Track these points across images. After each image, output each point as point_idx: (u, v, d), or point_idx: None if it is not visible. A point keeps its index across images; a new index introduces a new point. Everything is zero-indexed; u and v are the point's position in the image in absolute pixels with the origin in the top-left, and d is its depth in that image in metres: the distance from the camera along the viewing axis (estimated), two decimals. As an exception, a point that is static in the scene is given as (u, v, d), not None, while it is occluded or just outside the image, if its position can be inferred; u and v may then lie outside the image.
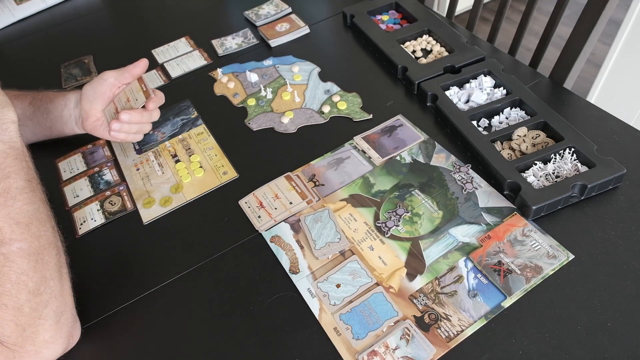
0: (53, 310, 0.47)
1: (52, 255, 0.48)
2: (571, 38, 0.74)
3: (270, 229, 0.60)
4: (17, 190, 0.46)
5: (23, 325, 0.45)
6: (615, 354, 0.46)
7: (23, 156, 0.48)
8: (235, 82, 0.83)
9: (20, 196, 0.46)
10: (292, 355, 0.49)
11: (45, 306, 0.46)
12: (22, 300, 0.45)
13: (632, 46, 1.32)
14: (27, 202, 0.46)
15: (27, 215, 0.46)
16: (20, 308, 0.44)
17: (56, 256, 0.48)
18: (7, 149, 0.47)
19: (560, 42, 0.78)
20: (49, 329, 0.47)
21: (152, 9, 1.07)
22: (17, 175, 0.46)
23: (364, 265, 0.55)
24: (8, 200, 0.45)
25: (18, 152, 0.48)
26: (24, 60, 0.98)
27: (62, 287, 0.49)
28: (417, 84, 0.75)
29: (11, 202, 0.45)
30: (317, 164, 0.67)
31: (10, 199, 0.45)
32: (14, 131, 0.48)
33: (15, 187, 0.46)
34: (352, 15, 0.90)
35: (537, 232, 0.56)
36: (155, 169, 0.70)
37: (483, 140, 0.64)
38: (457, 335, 0.49)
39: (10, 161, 0.46)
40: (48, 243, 0.47)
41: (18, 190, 0.46)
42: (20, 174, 0.47)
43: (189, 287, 0.56)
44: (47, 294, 0.46)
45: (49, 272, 0.47)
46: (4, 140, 0.47)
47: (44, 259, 0.46)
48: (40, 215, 0.47)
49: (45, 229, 0.47)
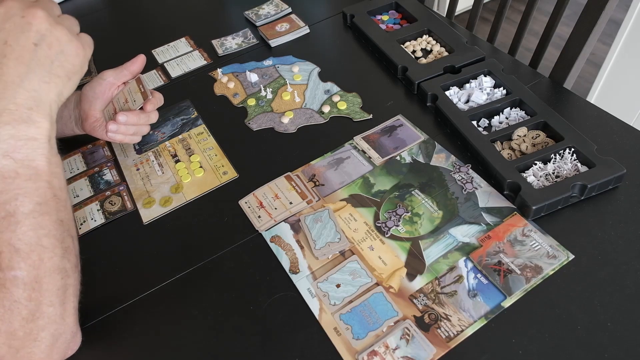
0: (50, 334, 0.45)
1: (55, 281, 0.45)
2: (571, 38, 0.74)
3: (270, 229, 0.60)
4: (23, 215, 0.43)
5: (17, 347, 0.43)
6: (615, 354, 0.46)
7: (38, 176, 0.44)
8: (235, 82, 0.83)
9: (26, 221, 0.43)
10: (292, 355, 0.49)
11: (41, 330, 0.44)
12: (16, 326, 0.42)
13: (632, 46, 1.32)
14: (33, 227, 0.43)
15: (29, 242, 0.43)
16: (13, 333, 0.43)
17: (61, 280, 0.45)
18: (18, 167, 0.43)
19: (560, 42, 0.78)
20: (45, 349, 0.45)
21: (152, 9, 1.07)
22: (26, 198, 0.43)
23: (364, 265, 0.55)
24: (11, 225, 0.42)
25: (33, 172, 0.44)
26: (24, 60, 0.98)
27: (64, 311, 0.46)
28: (417, 84, 0.75)
29: (14, 226, 0.42)
30: (317, 164, 0.67)
31: (14, 224, 0.42)
32: (33, 149, 0.44)
33: (22, 210, 0.43)
34: (352, 15, 0.90)
35: (537, 232, 0.56)
36: (155, 169, 0.70)
37: (483, 140, 0.64)
38: (457, 335, 0.49)
39: (21, 182, 0.43)
40: (52, 269, 0.44)
41: (24, 215, 0.43)
42: (31, 196, 0.43)
43: (189, 287, 0.56)
44: (44, 319, 0.44)
45: (47, 299, 0.44)
46: (17, 159, 0.43)
47: (42, 287, 0.43)
48: (47, 241, 0.44)
49: (51, 255, 0.44)
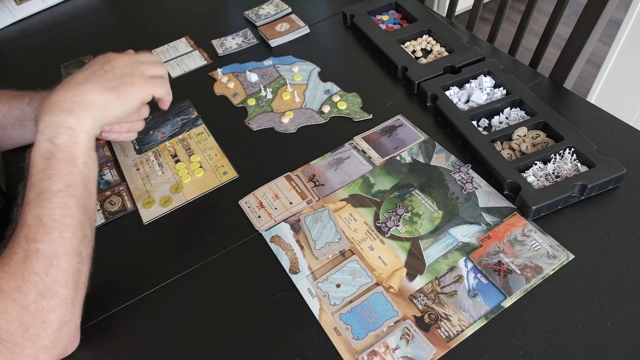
0: (59, 318, 0.47)
1: (72, 263, 0.48)
2: (571, 38, 0.74)
3: (270, 229, 0.60)
4: (52, 192, 0.47)
5: (27, 325, 0.45)
6: (615, 354, 0.46)
7: (72, 162, 0.50)
8: (235, 82, 0.83)
9: (54, 198, 0.47)
10: (292, 355, 0.49)
11: (52, 311, 0.46)
12: (30, 300, 0.45)
13: (632, 46, 1.32)
14: (60, 205, 0.47)
15: (54, 218, 0.47)
16: (27, 307, 0.45)
17: (77, 264, 0.48)
18: (57, 151, 0.49)
19: (560, 42, 0.78)
20: (51, 334, 0.47)
21: (152, 9, 1.07)
22: (58, 178, 0.48)
23: (364, 265, 0.55)
24: (42, 201, 0.47)
25: (67, 156, 0.49)
26: (24, 60, 0.98)
27: (75, 296, 0.48)
28: (417, 84, 0.75)
29: (44, 202, 0.47)
30: (317, 164, 0.67)
31: (44, 200, 0.47)
32: (70, 137, 0.50)
33: (53, 188, 0.48)
34: (352, 15, 0.90)
35: (537, 232, 0.56)
36: (155, 169, 0.70)
37: (483, 140, 0.64)
38: (457, 335, 0.49)
39: (56, 163, 0.49)
40: (70, 249, 0.48)
41: (53, 193, 0.47)
42: (62, 177, 0.48)
43: (188, 287, 0.56)
44: (56, 299, 0.46)
45: (63, 278, 0.47)
46: (56, 143, 0.49)
47: (59, 264, 0.46)
48: (69, 221, 0.48)
49: (71, 236, 0.48)
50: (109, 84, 0.55)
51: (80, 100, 0.52)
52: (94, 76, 0.55)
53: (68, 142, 0.50)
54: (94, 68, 0.56)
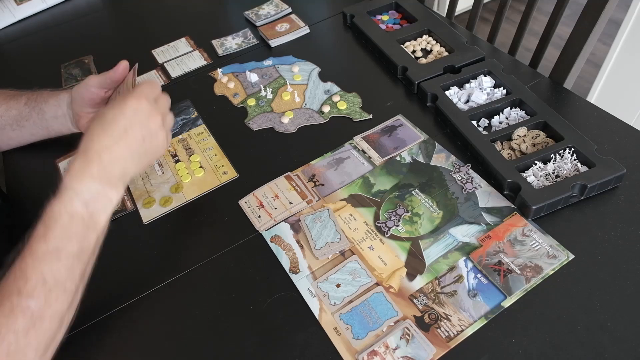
0: None
1: (53, 328, 0.45)
2: (571, 38, 0.74)
3: (270, 229, 0.60)
4: (66, 254, 0.46)
5: None
6: (615, 354, 0.46)
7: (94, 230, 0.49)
8: (235, 82, 0.83)
9: (65, 260, 0.46)
10: (292, 355, 0.49)
11: None
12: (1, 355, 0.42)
13: (632, 46, 1.32)
14: (68, 267, 0.47)
15: (57, 279, 0.46)
16: None
17: (56, 330, 0.46)
18: (86, 216, 0.48)
19: (560, 42, 0.78)
20: None
21: (152, 9, 1.07)
22: (77, 240, 0.47)
23: (364, 265, 0.55)
24: (52, 259, 0.46)
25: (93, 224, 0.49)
26: (24, 60, 0.98)
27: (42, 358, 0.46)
28: (417, 84, 0.75)
29: (54, 261, 0.46)
30: (317, 164, 0.67)
31: (55, 259, 0.46)
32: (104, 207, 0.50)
33: (68, 250, 0.47)
34: (352, 15, 0.90)
35: (537, 232, 0.56)
36: (155, 168, 0.70)
37: (483, 140, 0.64)
38: (457, 335, 0.49)
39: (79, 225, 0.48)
40: (56, 314, 0.46)
41: (67, 254, 0.46)
42: (81, 241, 0.48)
43: (188, 287, 0.56)
44: None
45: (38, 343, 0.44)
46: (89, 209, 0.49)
47: (41, 327, 0.44)
48: (69, 285, 0.47)
49: (63, 300, 0.46)
50: (146, 158, 0.55)
51: (123, 176, 0.52)
52: (136, 147, 0.53)
53: (101, 210, 0.50)
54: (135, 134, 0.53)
